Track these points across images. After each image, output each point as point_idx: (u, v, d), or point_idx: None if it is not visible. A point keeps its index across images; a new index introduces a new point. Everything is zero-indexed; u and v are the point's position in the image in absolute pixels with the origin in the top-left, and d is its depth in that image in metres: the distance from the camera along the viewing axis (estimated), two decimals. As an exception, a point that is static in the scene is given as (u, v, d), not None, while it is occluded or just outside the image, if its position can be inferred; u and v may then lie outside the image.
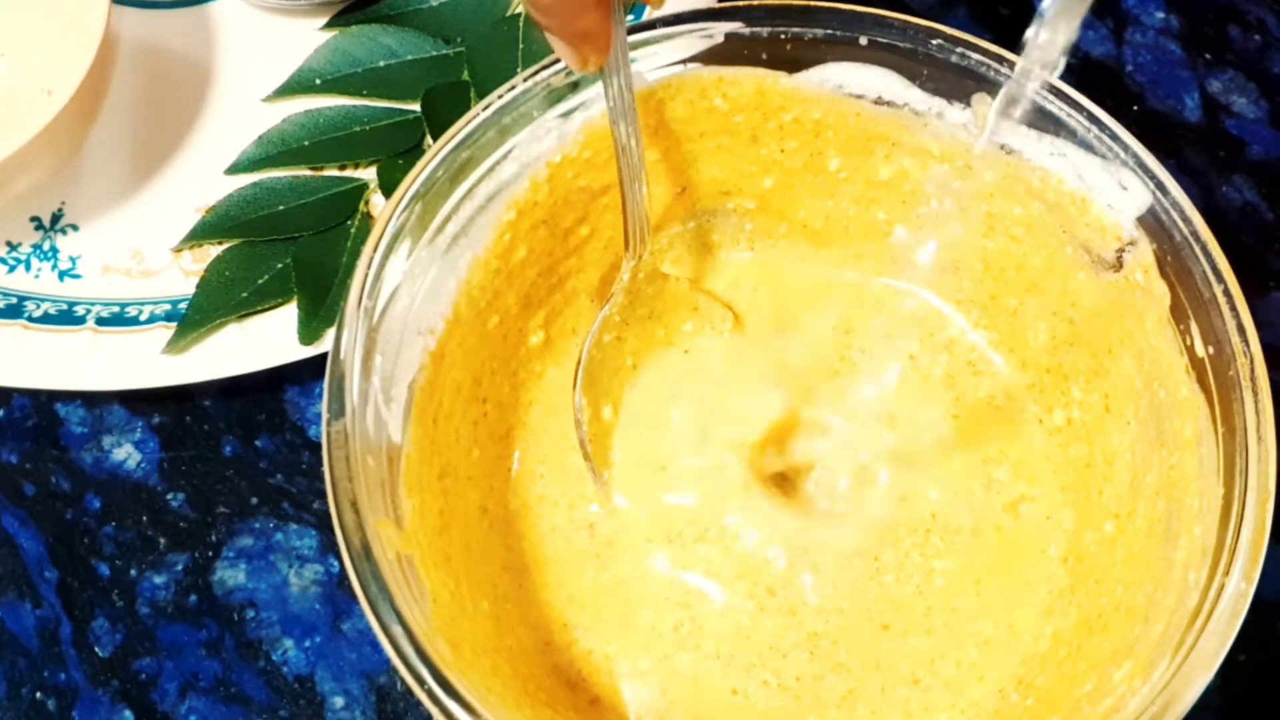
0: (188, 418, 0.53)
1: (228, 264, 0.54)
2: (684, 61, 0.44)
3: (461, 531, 0.44)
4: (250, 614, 0.50)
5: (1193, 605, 0.37)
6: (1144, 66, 0.60)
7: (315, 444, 0.52)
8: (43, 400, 0.54)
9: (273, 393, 0.53)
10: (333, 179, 0.56)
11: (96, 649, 0.49)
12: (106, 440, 0.53)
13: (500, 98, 0.43)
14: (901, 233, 0.49)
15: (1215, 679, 0.36)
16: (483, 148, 0.43)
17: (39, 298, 0.54)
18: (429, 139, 0.56)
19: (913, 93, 0.45)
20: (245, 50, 0.60)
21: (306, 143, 0.57)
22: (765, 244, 0.51)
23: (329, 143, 0.57)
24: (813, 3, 0.44)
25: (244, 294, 0.53)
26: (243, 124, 0.57)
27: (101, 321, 0.53)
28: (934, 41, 0.44)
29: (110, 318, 0.53)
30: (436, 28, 0.59)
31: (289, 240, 0.54)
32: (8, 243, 0.56)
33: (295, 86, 0.58)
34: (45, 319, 0.53)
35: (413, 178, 0.42)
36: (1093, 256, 0.44)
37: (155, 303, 0.53)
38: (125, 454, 0.53)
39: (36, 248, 0.56)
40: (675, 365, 0.49)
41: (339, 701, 0.48)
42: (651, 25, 0.44)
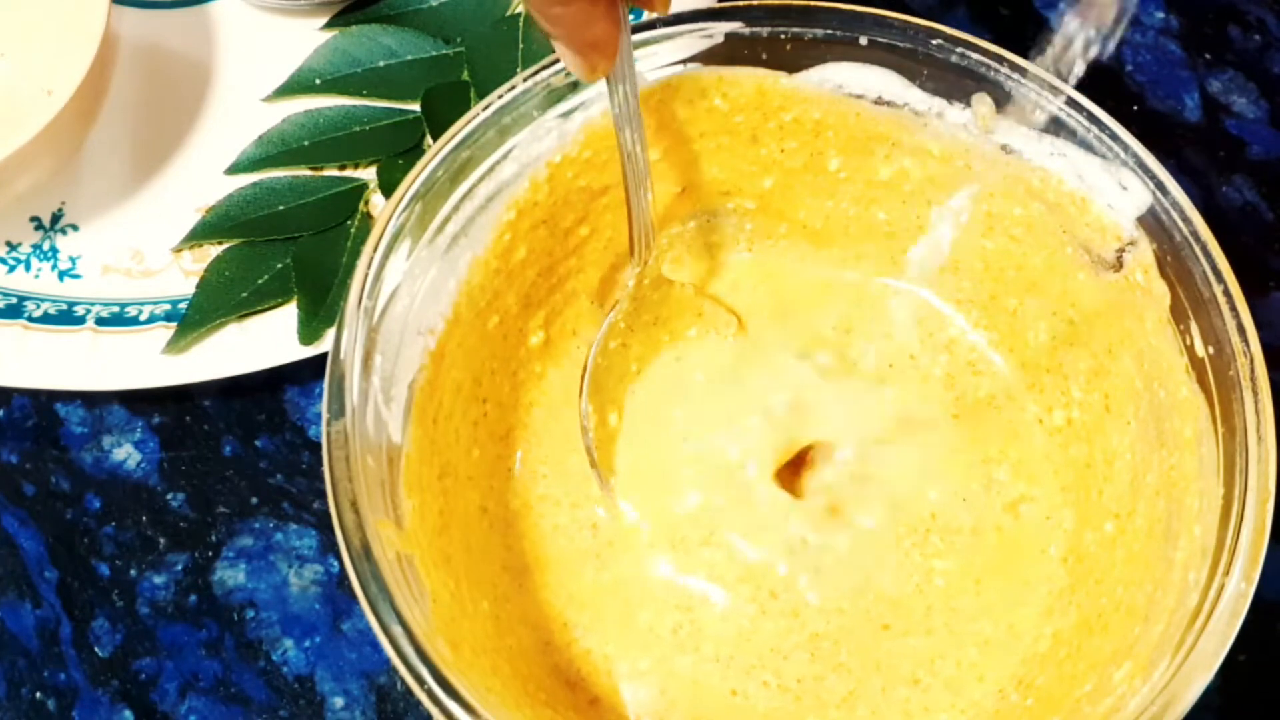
0: (188, 418, 0.53)
1: (228, 264, 0.54)
2: (684, 61, 0.44)
3: (461, 531, 0.44)
4: (250, 614, 0.50)
5: (1193, 605, 0.37)
6: (1144, 66, 0.60)
7: (315, 444, 0.52)
8: (43, 400, 0.54)
9: (273, 393, 0.53)
10: (333, 179, 0.56)
11: (96, 649, 0.49)
12: (106, 440, 0.53)
13: (500, 98, 0.43)
14: (901, 233, 0.49)
15: (1215, 679, 0.36)
16: (483, 148, 0.43)
17: (39, 298, 0.54)
18: (429, 139, 0.56)
19: (913, 93, 0.44)
20: (245, 50, 0.60)
21: (306, 143, 0.57)
22: (765, 244, 0.51)
23: (329, 143, 0.57)
24: (813, 3, 0.44)
25: (244, 294, 0.53)
26: (243, 124, 0.57)
27: (101, 321, 0.53)
28: (934, 41, 0.43)
29: (110, 318, 0.53)
30: (436, 28, 0.59)
31: (289, 240, 0.54)
32: (8, 243, 0.56)
33: (295, 86, 0.58)
34: (45, 319, 0.53)
35: (413, 178, 0.42)
36: (1093, 256, 0.44)
37: (155, 303, 0.53)
38: (125, 454, 0.53)
39: (36, 248, 0.56)
40: (679, 370, 0.49)
41: (339, 701, 0.48)
42: (651, 25, 0.44)
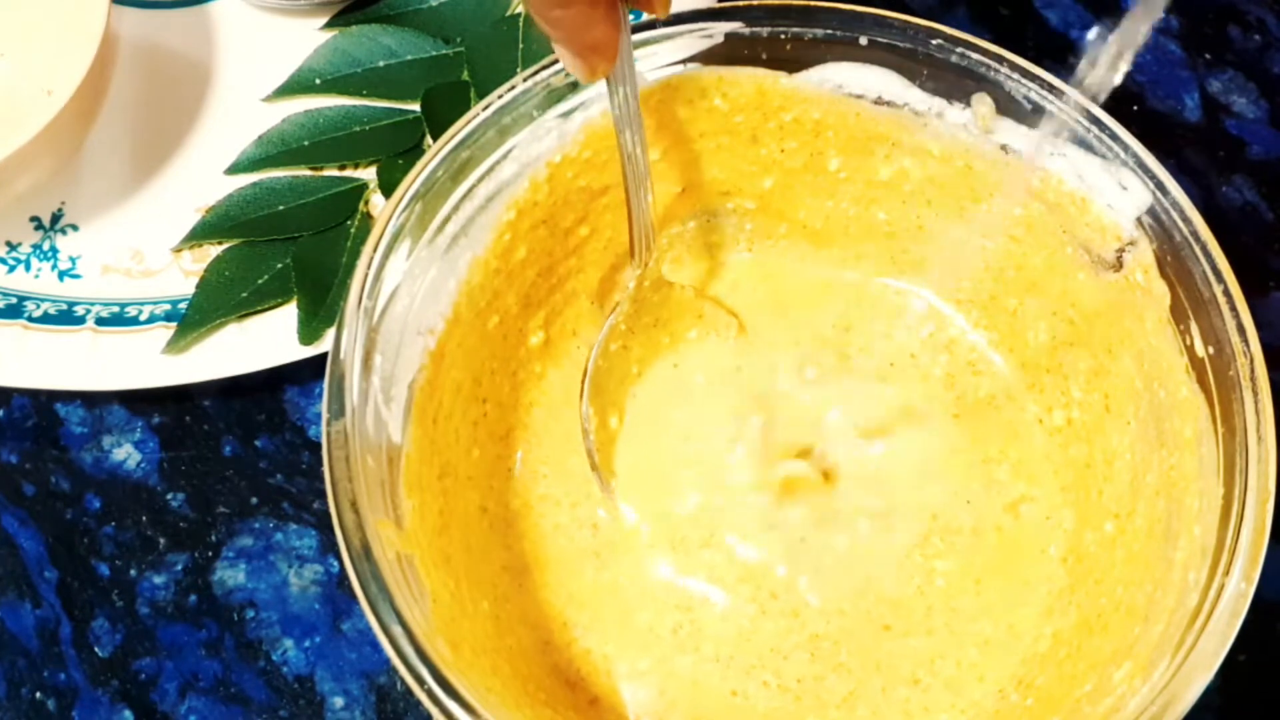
0: (188, 418, 0.53)
1: (228, 264, 0.54)
2: (684, 61, 0.44)
3: (461, 531, 0.44)
4: (250, 614, 0.50)
5: (1193, 605, 0.37)
6: (1144, 66, 0.60)
7: (315, 444, 0.52)
8: (43, 400, 0.54)
9: (273, 393, 0.53)
10: (333, 179, 0.56)
11: (96, 649, 0.49)
12: (106, 440, 0.53)
13: (500, 98, 0.43)
14: (901, 233, 0.49)
15: (1215, 679, 0.36)
16: (483, 148, 0.43)
17: (39, 298, 0.54)
18: (429, 139, 0.56)
19: (913, 93, 0.44)
20: (245, 50, 0.60)
21: (306, 143, 0.57)
22: (765, 244, 0.51)
23: (329, 143, 0.57)
24: (813, 3, 0.44)
25: (244, 294, 0.53)
26: (243, 124, 0.57)
27: (101, 321, 0.53)
28: (934, 41, 0.43)
29: (110, 318, 0.53)
30: (436, 28, 0.59)
31: (289, 240, 0.54)
32: (8, 243, 0.56)
33: (295, 86, 0.58)
34: (45, 319, 0.53)
35: (413, 178, 0.42)
36: (1093, 256, 0.44)
37: (155, 303, 0.53)
38: (125, 454, 0.53)
39: (36, 248, 0.56)
40: (679, 372, 0.49)
41: (339, 701, 0.48)
42: (651, 25, 0.44)
